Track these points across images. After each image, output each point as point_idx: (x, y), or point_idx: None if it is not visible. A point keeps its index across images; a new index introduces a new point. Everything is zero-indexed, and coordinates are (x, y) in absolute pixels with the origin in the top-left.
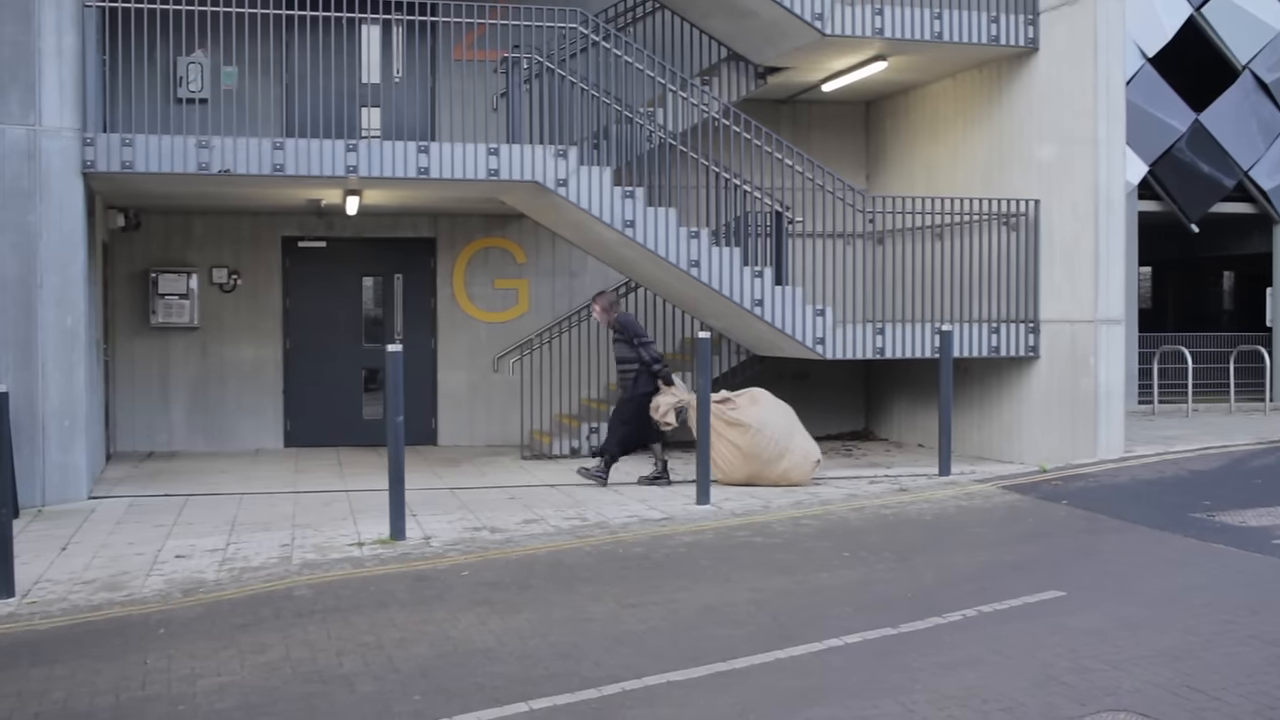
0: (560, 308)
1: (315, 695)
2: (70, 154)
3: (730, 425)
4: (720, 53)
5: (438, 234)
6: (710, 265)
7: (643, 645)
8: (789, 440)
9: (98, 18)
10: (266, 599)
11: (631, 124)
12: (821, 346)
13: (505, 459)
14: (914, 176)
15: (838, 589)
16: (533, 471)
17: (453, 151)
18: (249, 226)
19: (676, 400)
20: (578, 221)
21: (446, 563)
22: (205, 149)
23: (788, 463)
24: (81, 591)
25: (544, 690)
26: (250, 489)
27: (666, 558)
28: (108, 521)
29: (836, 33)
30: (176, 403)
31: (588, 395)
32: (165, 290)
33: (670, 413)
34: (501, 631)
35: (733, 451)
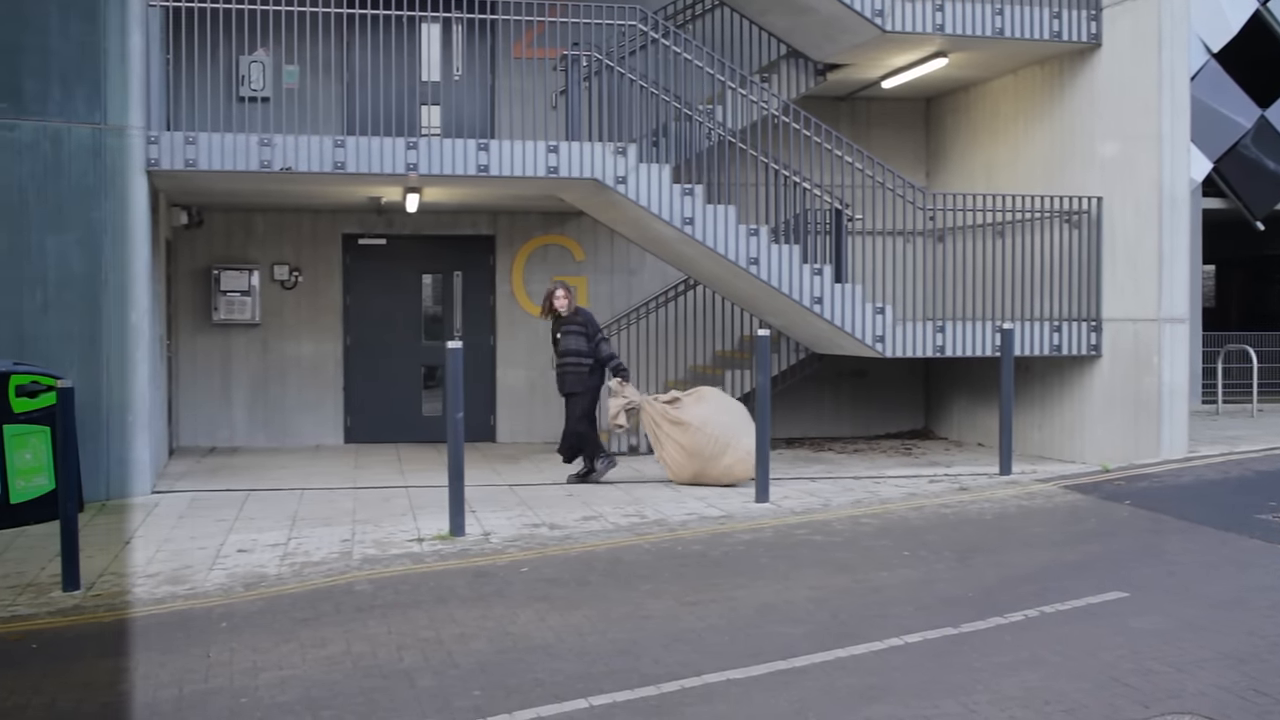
0: (619, 305)
1: (375, 690)
2: (135, 152)
3: (674, 424)
4: (779, 49)
5: (497, 231)
6: (769, 263)
7: (701, 643)
8: (732, 437)
9: (162, 17)
10: (327, 594)
11: (690, 121)
12: (881, 344)
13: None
14: (974, 174)
15: (898, 588)
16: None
17: (512, 149)
18: (310, 224)
19: (627, 401)
20: (636, 219)
21: (506, 559)
22: (267, 147)
23: (730, 459)
24: (145, 585)
25: (603, 687)
26: (311, 484)
27: (725, 555)
28: (170, 516)
29: (897, 29)
30: (238, 399)
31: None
32: (227, 287)
33: (621, 414)
34: (561, 628)
35: (677, 450)
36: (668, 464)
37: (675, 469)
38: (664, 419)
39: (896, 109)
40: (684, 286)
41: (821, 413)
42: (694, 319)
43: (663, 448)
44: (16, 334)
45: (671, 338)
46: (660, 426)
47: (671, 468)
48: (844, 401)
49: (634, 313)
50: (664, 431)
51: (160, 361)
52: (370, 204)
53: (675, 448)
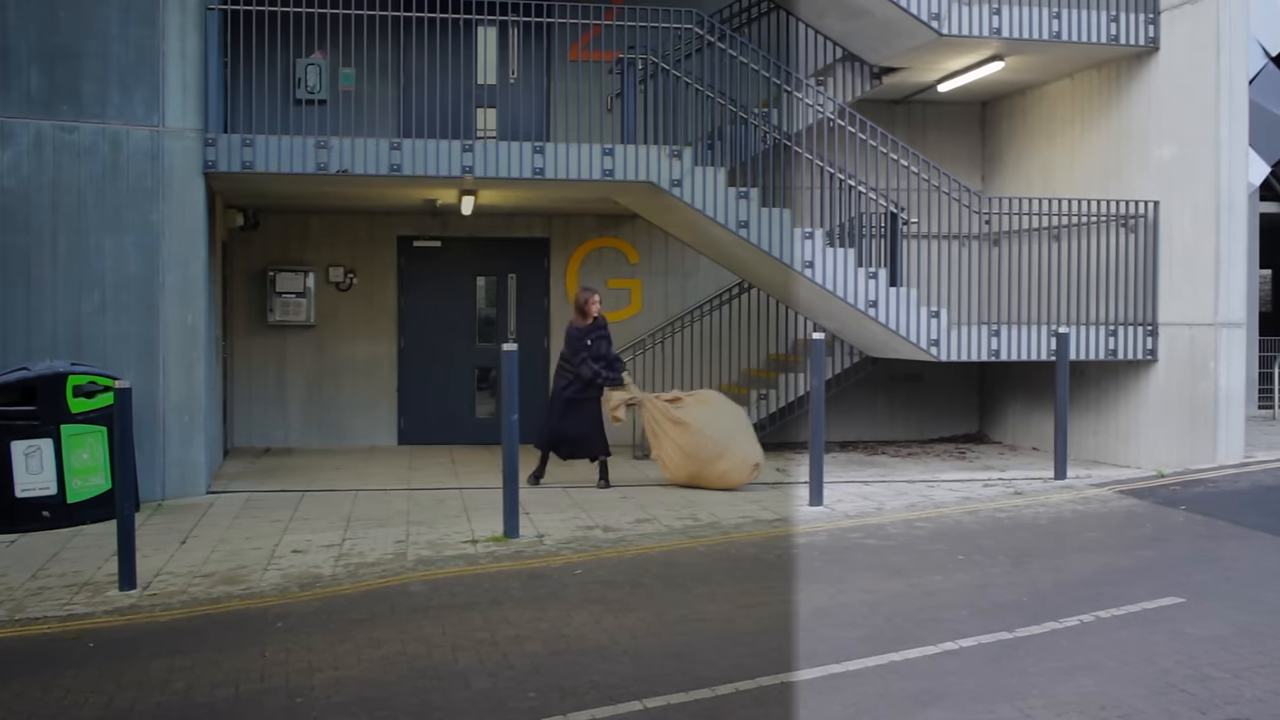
0: (673, 308)
1: (431, 691)
2: (192, 154)
3: (674, 423)
4: (835, 53)
5: (551, 234)
6: (824, 266)
7: (756, 645)
8: (729, 442)
9: (220, 20)
10: (382, 595)
11: (746, 124)
12: (936, 348)
13: (617, 458)
14: (1030, 177)
15: (952, 592)
16: (645, 471)
17: (568, 152)
18: (365, 226)
19: (629, 396)
20: (691, 222)
21: (560, 561)
22: (324, 149)
23: (725, 464)
24: (201, 584)
25: (658, 689)
26: (365, 485)
27: (779, 558)
28: (226, 516)
29: (953, 33)
30: (292, 399)
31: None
32: (283, 288)
33: (621, 407)
34: (615, 630)
35: (675, 449)
36: (664, 463)
37: (672, 469)
38: (664, 417)
39: (952, 112)
40: (738, 289)
41: (875, 416)
42: (748, 322)
43: (660, 446)
44: (74, 335)
45: (725, 341)
46: (660, 424)
47: (668, 467)
48: (897, 405)
49: (688, 315)
50: (663, 430)
51: (216, 362)
52: (425, 206)
53: (673, 447)
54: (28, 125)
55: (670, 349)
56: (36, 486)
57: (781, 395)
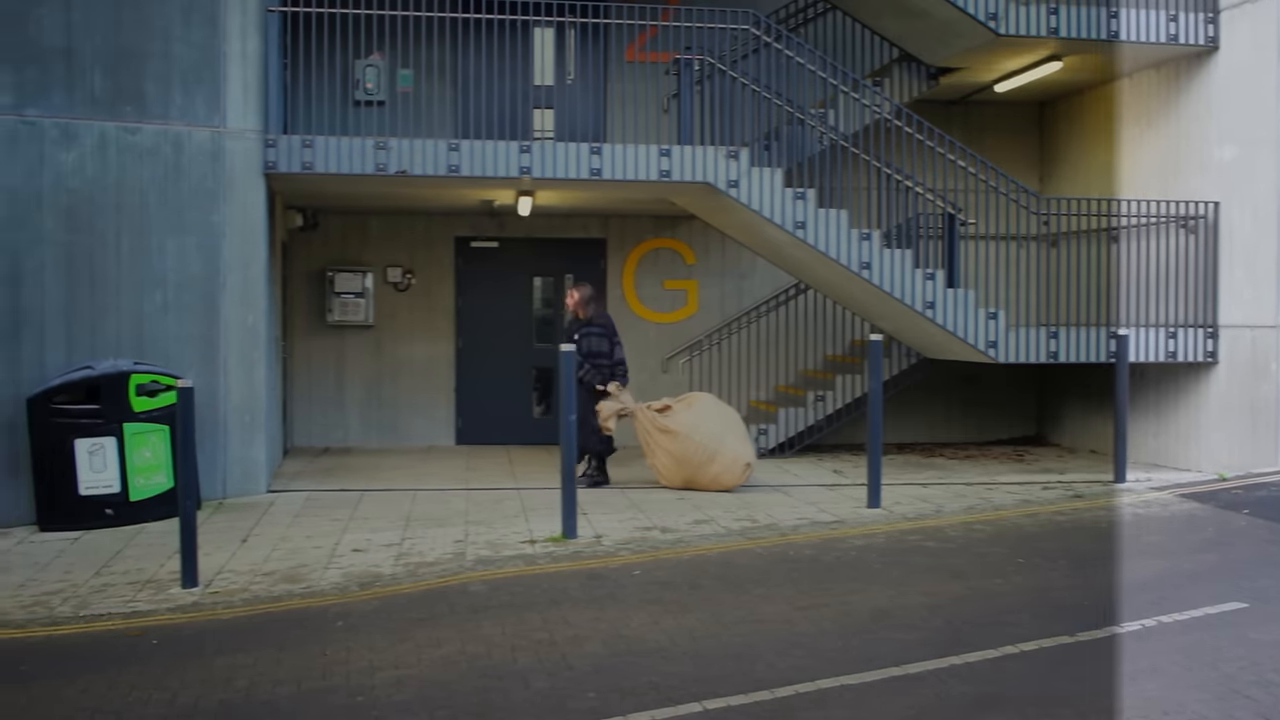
0: (729, 309)
1: (491, 690)
2: (253, 155)
3: (663, 432)
4: (891, 53)
5: (608, 235)
6: (881, 267)
7: (815, 648)
8: (719, 445)
9: (280, 22)
10: (441, 594)
11: (803, 125)
12: (994, 350)
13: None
14: (1089, 178)
15: (1013, 595)
16: None
17: (625, 153)
18: (423, 226)
19: (621, 407)
20: (748, 223)
21: (618, 562)
22: (383, 150)
23: (718, 467)
24: (262, 583)
25: (717, 691)
26: (423, 485)
27: (838, 560)
28: (286, 515)
29: (1011, 33)
30: (351, 399)
31: (756, 396)
32: (341, 289)
33: (612, 418)
34: (674, 631)
35: (667, 457)
36: (659, 471)
37: (666, 476)
38: (654, 427)
39: (1009, 113)
40: (794, 291)
41: (932, 418)
42: (804, 323)
43: (653, 455)
44: (137, 334)
45: (781, 342)
46: (651, 435)
47: (663, 474)
48: (955, 407)
49: (744, 317)
50: (654, 440)
51: (276, 362)
52: (483, 207)
53: (665, 455)
54: (92, 126)
55: (726, 350)
56: (100, 484)
57: (838, 397)
